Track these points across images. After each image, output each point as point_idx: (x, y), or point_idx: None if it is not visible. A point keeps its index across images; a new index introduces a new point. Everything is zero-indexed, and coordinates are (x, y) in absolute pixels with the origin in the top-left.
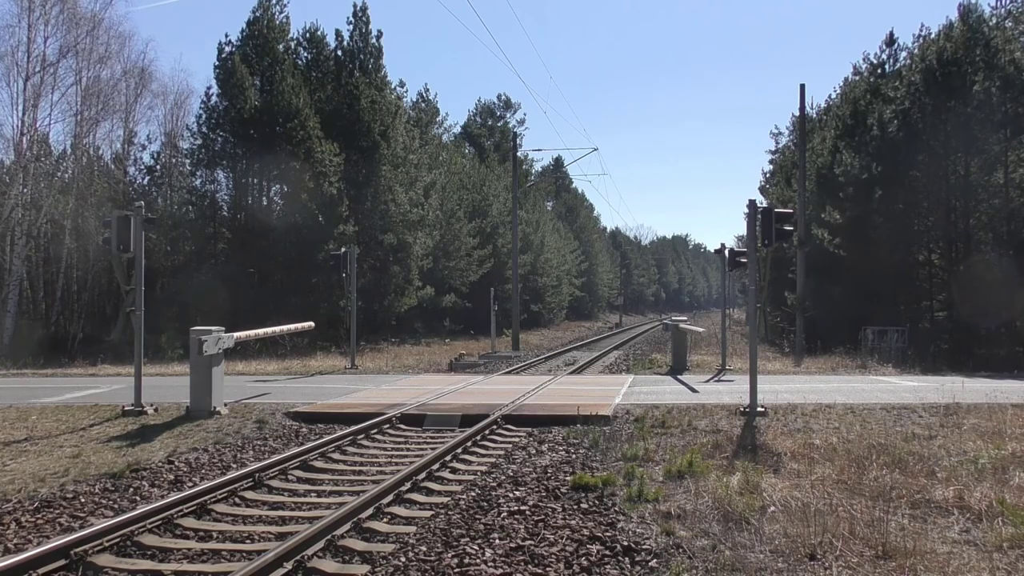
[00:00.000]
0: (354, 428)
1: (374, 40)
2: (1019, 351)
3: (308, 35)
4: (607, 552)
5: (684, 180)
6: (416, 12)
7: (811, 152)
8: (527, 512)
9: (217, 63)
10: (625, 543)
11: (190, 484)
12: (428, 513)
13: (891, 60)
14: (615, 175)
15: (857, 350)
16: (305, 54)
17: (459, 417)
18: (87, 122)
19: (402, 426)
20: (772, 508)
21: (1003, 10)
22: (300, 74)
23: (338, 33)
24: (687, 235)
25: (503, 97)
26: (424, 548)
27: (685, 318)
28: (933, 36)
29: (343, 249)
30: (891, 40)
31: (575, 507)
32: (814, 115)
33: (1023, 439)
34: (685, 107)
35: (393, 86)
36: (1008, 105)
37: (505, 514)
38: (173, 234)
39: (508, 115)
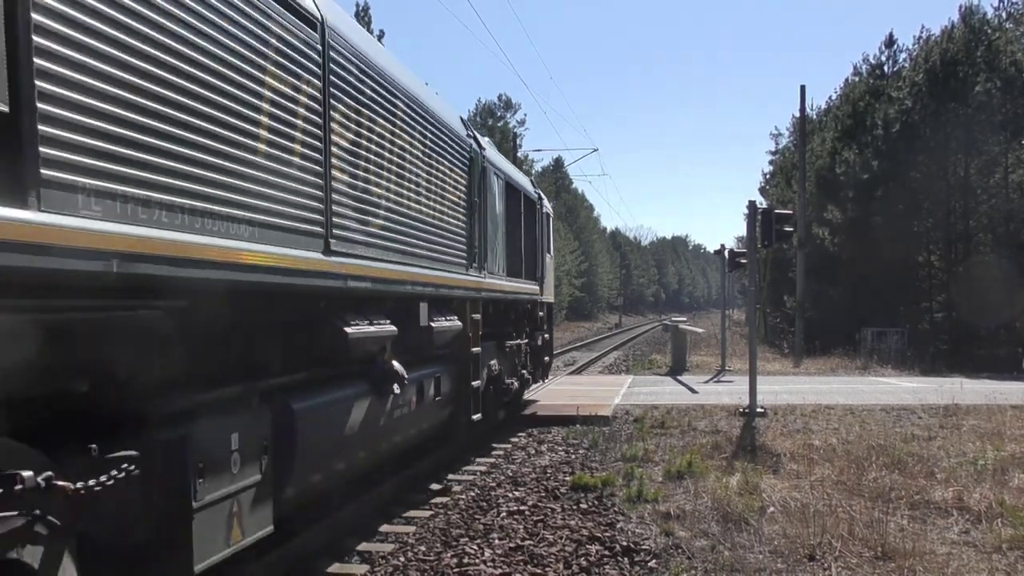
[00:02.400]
0: None
1: (376, 39)
2: (1019, 352)
3: None
4: (606, 552)
5: (684, 181)
6: (416, 12)
7: (811, 153)
8: (526, 512)
9: None
10: (624, 543)
11: None
12: (427, 513)
13: (890, 61)
14: (615, 176)
15: (856, 351)
16: None
17: None
18: None
19: None
20: (771, 509)
21: (1004, 12)
22: None
23: None
24: (687, 236)
25: (503, 97)
26: (423, 548)
27: (685, 319)
28: (936, 38)
29: None
30: (890, 41)
31: (574, 507)
32: (814, 116)
33: (1022, 440)
34: (685, 107)
35: None
36: (1008, 106)
37: (504, 514)
38: None
39: (508, 115)
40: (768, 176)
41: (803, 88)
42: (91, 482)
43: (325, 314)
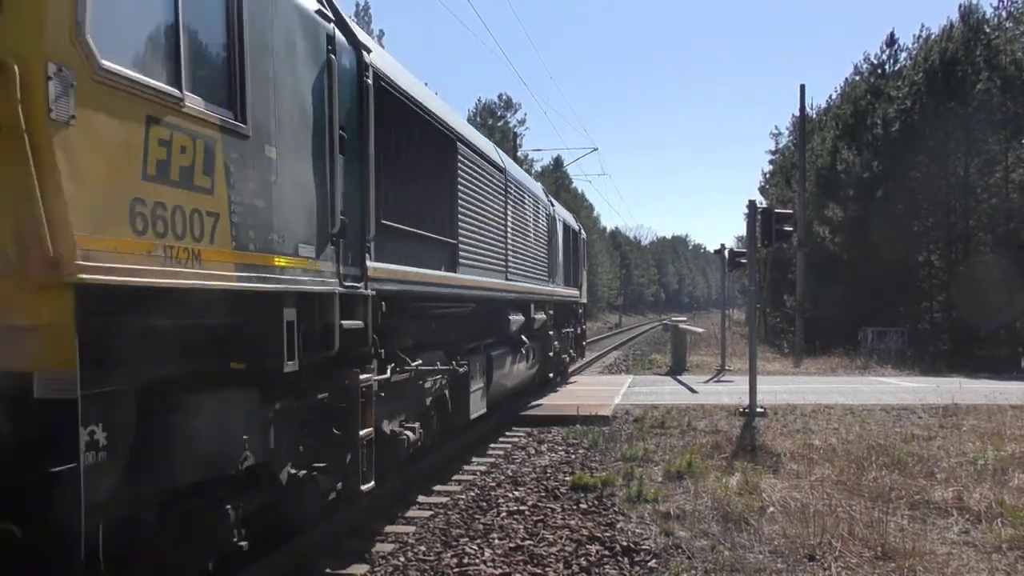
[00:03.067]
0: None
1: (376, 40)
2: (1019, 352)
3: None
4: (606, 552)
5: (684, 181)
6: (416, 12)
7: (811, 152)
8: (526, 512)
9: None
10: (624, 543)
11: None
12: (427, 513)
13: (891, 60)
14: (615, 175)
15: (856, 351)
16: None
17: None
18: None
19: None
20: (771, 509)
21: (1003, 11)
22: None
23: None
24: (687, 235)
25: (503, 97)
26: (423, 548)
27: (685, 318)
28: (935, 37)
29: None
30: (891, 40)
31: (574, 507)
32: (814, 115)
33: (1022, 440)
34: (685, 107)
35: None
36: (1008, 105)
37: (504, 514)
38: None
39: (508, 115)
40: (768, 176)
41: (803, 88)
42: (457, 368)
43: (499, 310)
